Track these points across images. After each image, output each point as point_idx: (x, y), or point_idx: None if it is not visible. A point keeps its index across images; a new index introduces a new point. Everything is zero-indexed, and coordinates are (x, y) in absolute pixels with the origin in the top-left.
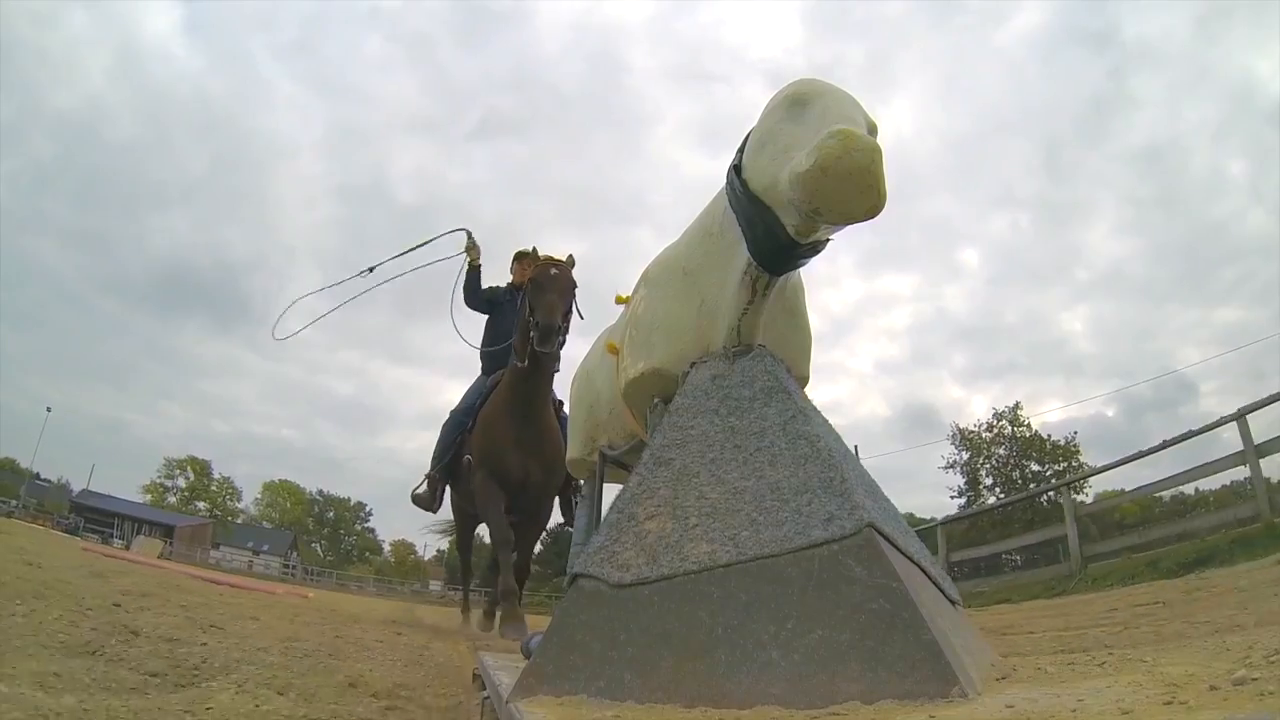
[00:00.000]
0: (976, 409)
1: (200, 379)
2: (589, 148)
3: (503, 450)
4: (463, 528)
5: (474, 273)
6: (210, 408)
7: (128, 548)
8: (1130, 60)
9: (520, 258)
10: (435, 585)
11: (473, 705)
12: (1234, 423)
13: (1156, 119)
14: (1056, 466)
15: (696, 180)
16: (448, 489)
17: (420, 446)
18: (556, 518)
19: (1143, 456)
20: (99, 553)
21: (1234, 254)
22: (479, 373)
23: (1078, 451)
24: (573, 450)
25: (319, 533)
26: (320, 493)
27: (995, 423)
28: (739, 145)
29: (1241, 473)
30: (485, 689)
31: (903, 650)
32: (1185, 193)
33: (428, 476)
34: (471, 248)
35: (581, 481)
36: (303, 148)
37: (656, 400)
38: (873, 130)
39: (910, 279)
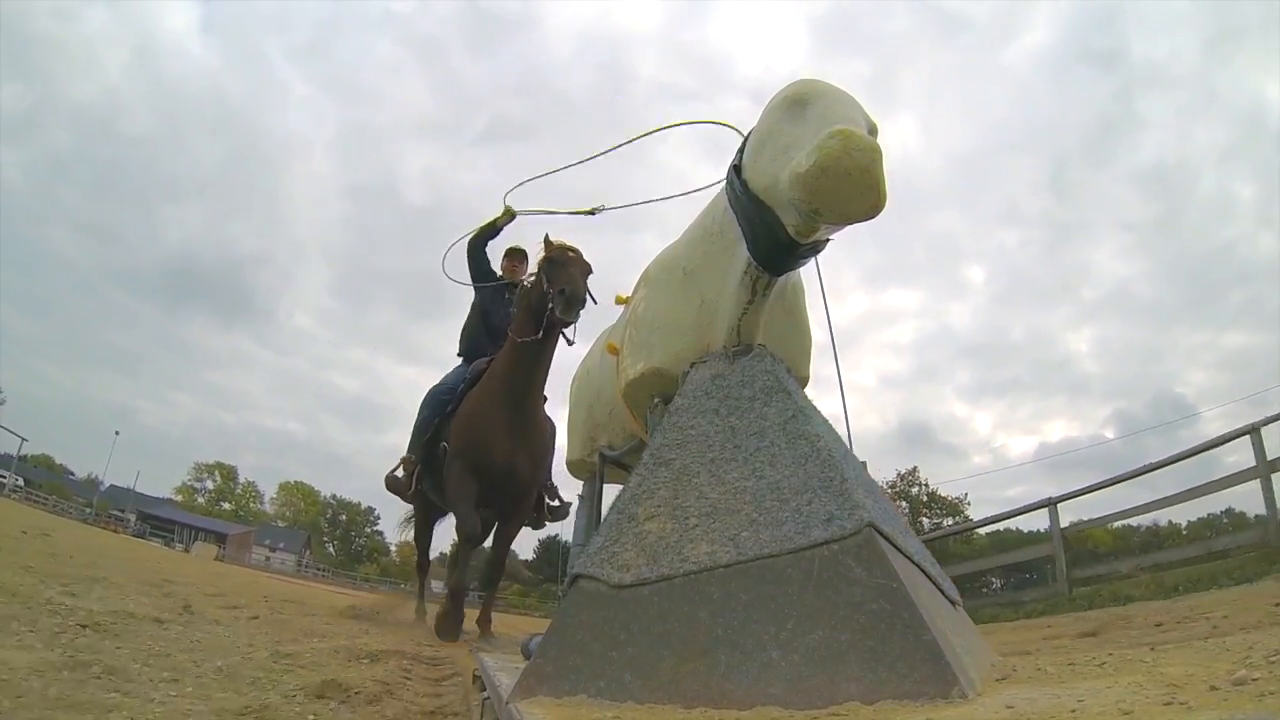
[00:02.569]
0: (980, 426)
1: (208, 370)
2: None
3: (490, 440)
4: (424, 518)
5: (493, 227)
6: (218, 399)
7: (188, 551)
8: (1138, 81)
9: (511, 254)
10: (437, 585)
11: (472, 705)
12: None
13: (1164, 140)
14: (948, 520)
15: (703, 191)
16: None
17: None
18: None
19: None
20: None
21: (1242, 277)
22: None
23: (964, 508)
24: (572, 451)
25: (332, 534)
26: (334, 496)
27: (898, 482)
28: (739, 145)
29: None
30: (485, 690)
31: (903, 650)
32: (1193, 215)
33: (404, 460)
34: (507, 214)
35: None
36: (314, 147)
37: (656, 400)
38: (873, 130)
39: (915, 294)
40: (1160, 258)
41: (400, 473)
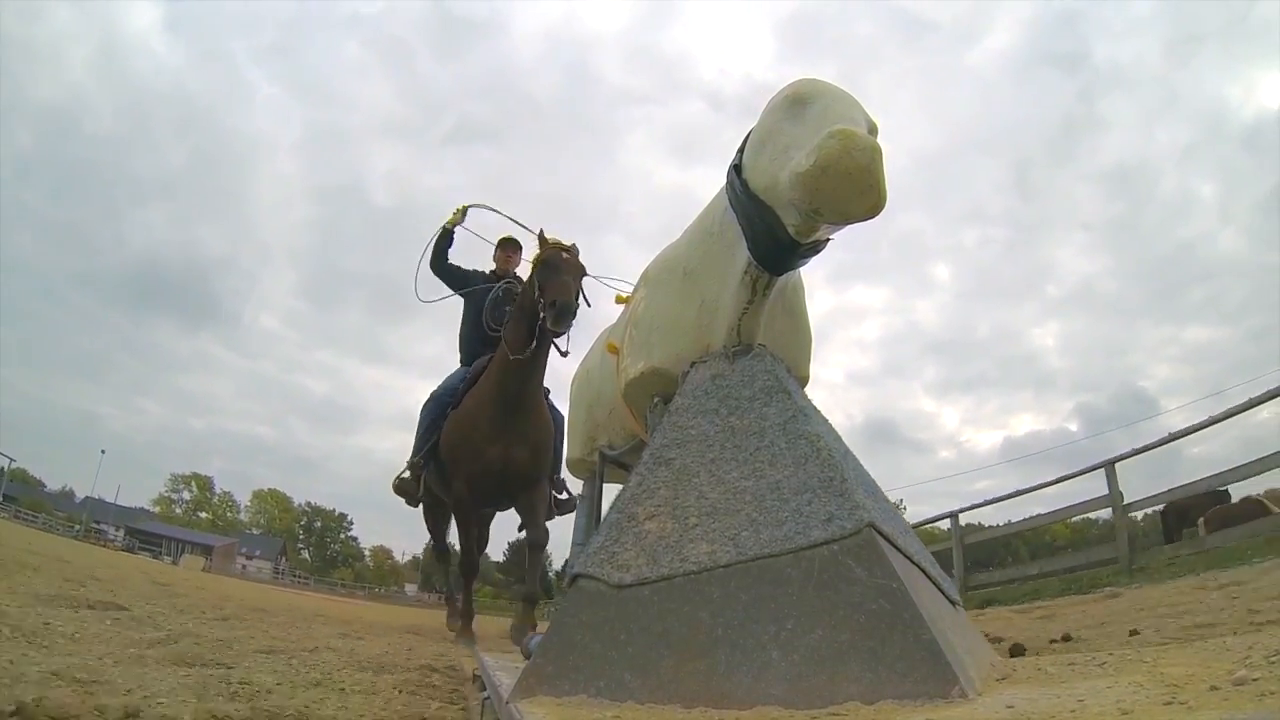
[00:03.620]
0: (947, 421)
1: (175, 374)
2: (561, 156)
3: (479, 448)
4: (436, 520)
5: (445, 235)
6: (185, 404)
7: (175, 563)
8: (1100, 83)
9: (505, 244)
10: (410, 589)
11: (472, 705)
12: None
13: (1126, 141)
14: None
15: (667, 191)
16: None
17: (394, 447)
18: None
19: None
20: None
21: (1204, 273)
22: (455, 367)
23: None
24: (572, 450)
25: (307, 540)
26: (309, 504)
27: None
28: (739, 145)
29: None
30: (485, 689)
31: (903, 650)
32: (1155, 213)
33: (410, 464)
34: (456, 215)
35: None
36: (280, 148)
37: (656, 400)
38: (873, 130)
39: (882, 292)
40: (1123, 255)
41: (407, 476)
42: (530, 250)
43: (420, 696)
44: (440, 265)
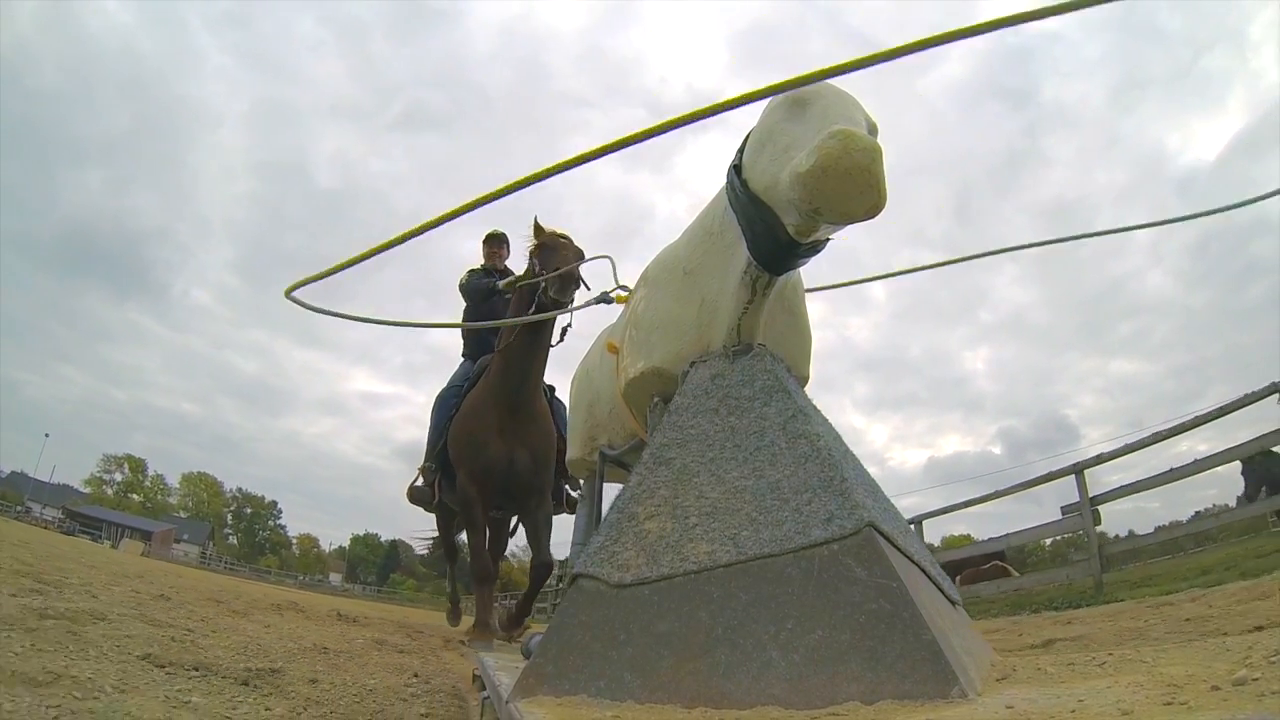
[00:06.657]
0: (876, 437)
1: (100, 343)
2: (508, 150)
3: (484, 441)
4: (448, 525)
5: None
6: (109, 374)
7: (114, 547)
8: (1046, 120)
9: (490, 240)
10: (335, 578)
11: (473, 705)
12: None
13: (1066, 178)
14: None
15: (610, 193)
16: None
17: (323, 432)
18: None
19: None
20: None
21: (1132, 310)
22: (434, 365)
23: None
24: (573, 450)
25: (236, 526)
26: (239, 490)
27: None
28: (739, 145)
29: None
30: (485, 689)
31: (903, 650)
32: (1088, 249)
33: (422, 469)
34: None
35: (580, 481)
36: (226, 119)
37: (656, 399)
38: (873, 130)
39: (815, 306)
40: (1056, 287)
41: (420, 483)
42: (518, 244)
43: None
44: (486, 302)
